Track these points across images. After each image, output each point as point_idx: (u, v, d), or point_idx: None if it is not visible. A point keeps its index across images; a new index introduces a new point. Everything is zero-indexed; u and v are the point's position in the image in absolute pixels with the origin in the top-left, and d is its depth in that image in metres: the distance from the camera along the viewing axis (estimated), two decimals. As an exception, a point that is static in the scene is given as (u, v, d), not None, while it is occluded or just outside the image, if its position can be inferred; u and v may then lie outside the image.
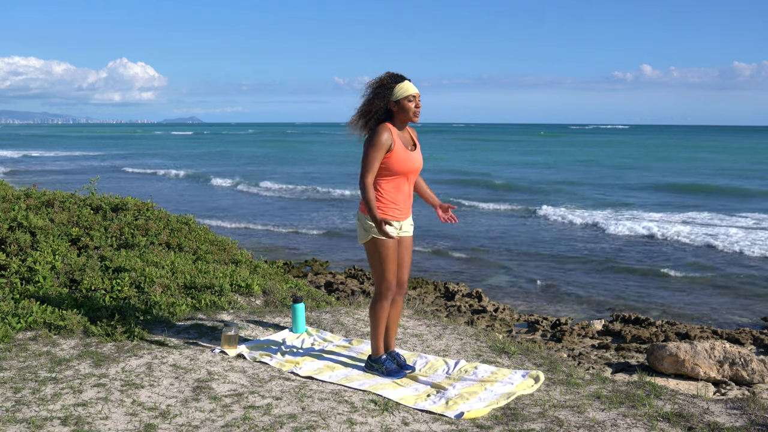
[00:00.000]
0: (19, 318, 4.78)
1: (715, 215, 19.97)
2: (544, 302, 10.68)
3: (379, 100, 3.84)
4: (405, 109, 3.85)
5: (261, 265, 6.92)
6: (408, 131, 4.01)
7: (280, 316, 5.46)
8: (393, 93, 3.83)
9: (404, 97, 3.83)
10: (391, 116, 3.89)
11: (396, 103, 3.84)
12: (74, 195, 7.64)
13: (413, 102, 3.86)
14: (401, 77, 3.87)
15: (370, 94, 3.88)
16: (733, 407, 3.63)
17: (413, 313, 5.72)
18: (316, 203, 23.42)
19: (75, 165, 42.22)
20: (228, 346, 4.46)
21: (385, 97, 3.84)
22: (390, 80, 3.85)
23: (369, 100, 3.87)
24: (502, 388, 3.84)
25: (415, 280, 11.27)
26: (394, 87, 3.83)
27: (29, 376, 3.92)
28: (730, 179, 31.88)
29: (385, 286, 3.98)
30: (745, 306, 10.49)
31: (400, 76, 3.87)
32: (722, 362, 6.59)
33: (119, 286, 5.40)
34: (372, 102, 3.85)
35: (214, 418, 3.42)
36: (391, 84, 3.84)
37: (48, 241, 6.00)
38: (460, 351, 4.63)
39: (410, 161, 3.90)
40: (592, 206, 22.09)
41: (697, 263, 13.52)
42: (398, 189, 3.92)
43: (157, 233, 6.66)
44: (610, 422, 3.41)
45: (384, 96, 3.84)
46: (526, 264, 13.42)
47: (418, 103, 3.87)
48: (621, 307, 10.34)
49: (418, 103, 3.87)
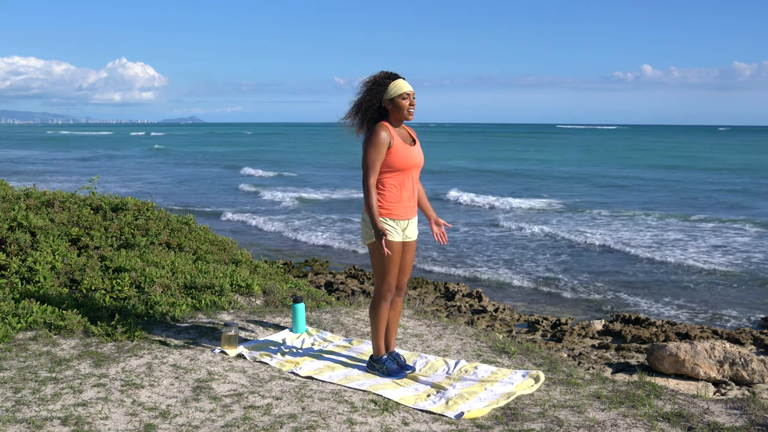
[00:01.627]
0: (19, 318, 4.78)
1: (718, 220, 19.97)
2: (544, 302, 10.68)
3: (373, 97, 3.85)
4: (399, 106, 3.85)
5: (261, 265, 6.92)
6: (405, 128, 4.01)
7: (280, 316, 5.46)
8: (387, 91, 3.84)
9: (398, 94, 3.83)
10: (385, 115, 3.89)
11: (390, 101, 3.84)
12: (74, 195, 7.64)
13: (407, 99, 3.86)
14: (395, 75, 3.88)
15: (364, 91, 3.89)
16: (733, 407, 3.63)
17: (413, 313, 5.72)
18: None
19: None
20: (228, 346, 4.46)
21: (379, 95, 3.84)
22: (384, 78, 3.86)
23: (363, 97, 3.88)
24: (502, 388, 3.84)
25: (415, 280, 11.27)
26: (389, 85, 3.84)
27: (29, 376, 3.92)
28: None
29: (386, 287, 3.98)
30: (745, 306, 10.49)
31: (394, 74, 3.88)
32: (722, 362, 6.59)
33: (119, 286, 5.40)
34: (366, 99, 3.86)
35: (214, 418, 3.42)
36: (386, 81, 3.85)
37: (48, 241, 6.00)
38: (460, 351, 4.63)
39: (411, 156, 3.90)
40: (591, 206, 22.12)
41: (696, 262, 13.53)
42: (402, 186, 3.92)
43: (157, 233, 6.66)
44: (610, 422, 3.41)
45: (378, 93, 3.84)
46: (527, 264, 13.42)
47: (412, 101, 3.87)
48: (621, 307, 10.34)
49: (412, 100, 3.87)
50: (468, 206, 22.68)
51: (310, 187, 28.50)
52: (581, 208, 21.77)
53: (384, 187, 3.88)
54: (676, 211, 20.94)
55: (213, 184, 30.35)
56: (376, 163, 3.80)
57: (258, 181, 31.34)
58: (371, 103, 3.85)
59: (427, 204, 4.22)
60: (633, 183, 30.49)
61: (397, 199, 3.91)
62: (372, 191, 3.79)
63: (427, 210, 4.22)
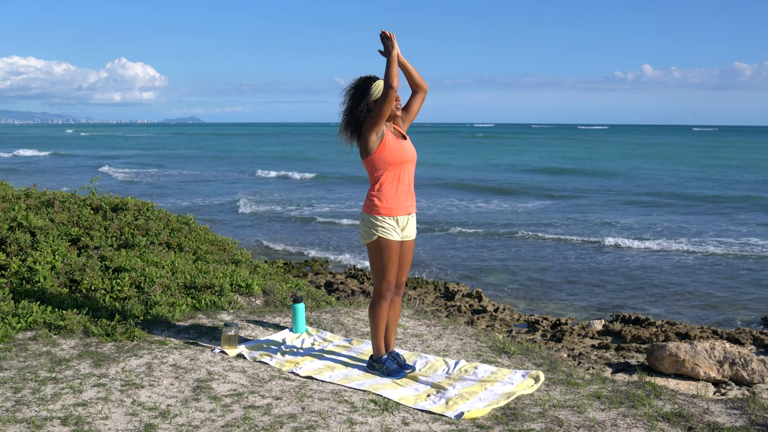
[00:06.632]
0: (19, 318, 4.78)
1: (717, 220, 19.97)
2: (544, 302, 10.68)
3: (359, 102, 3.89)
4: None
5: (261, 265, 6.92)
6: (394, 126, 4.05)
7: (280, 316, 5.46)
8: (371, 93, 3.88)
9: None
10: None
11: (376, 101, 3.87)
12: (74, 195, 7.64)
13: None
14: (374, 77, 3.93)
15: (349, 99, 3.95)
16: (733, 407, 3.63)
17: (413, 313, 5.72)
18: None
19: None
20: (228, 346, 4.46)
21: (364, 98, 3.89)
22: (364, 81, 3.92)
23: (350, 105, 3.93)
24: (502, 388, 3.84)
25: (415, 280, 11.27)
26: (371, 86, 3.89)
27: (29, 376, 3.92)
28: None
29: (385, 286, 4.00)
30: (745, 306, 10.49)
31: (373, 76, 3.93)
32: (722, 362, 6.59)
33: (119, 286, 5.40)
34: (353, 105, 3.92)
35: (214, 418, 3.42)
36: (367, 84, 3.91)
37: (48, 241, 6.00)
38: (460, 351, 4.63)
39: (404, 151, 3.94)
40: (590, 206, 22.12)
41: (697, 262, 13.53)
42: (398, 181, 3.94)
43: (157, 233, 6.66)
44: (610, 422, 3.41)
45: (362, 97, 3.89)
46: (527, 264, 13.43)
47: (397, 96, 3.90)
48: (621, 307, 10.34)
49: (397, 96, 3.90)
50: (468, 206, 22.69)
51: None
52: (580, 206, 21.79)
53: (380, 184, 3.92)
54: (676, 211, 20.95)
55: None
56: (384, 115, 3.80)
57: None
58: (359, 107, 3.90)
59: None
60: (633, 182, 30.48)
61: (394, 195, 3.93)
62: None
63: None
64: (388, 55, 3.79)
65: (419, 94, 4.10)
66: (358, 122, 3.91)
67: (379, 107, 3.77)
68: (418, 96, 4.10)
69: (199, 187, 28.42)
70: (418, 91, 4.09)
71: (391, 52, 3.78)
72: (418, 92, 4.10)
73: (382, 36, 3.82)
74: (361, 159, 3.97)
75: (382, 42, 3.83)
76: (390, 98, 3.74)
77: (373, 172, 3.95)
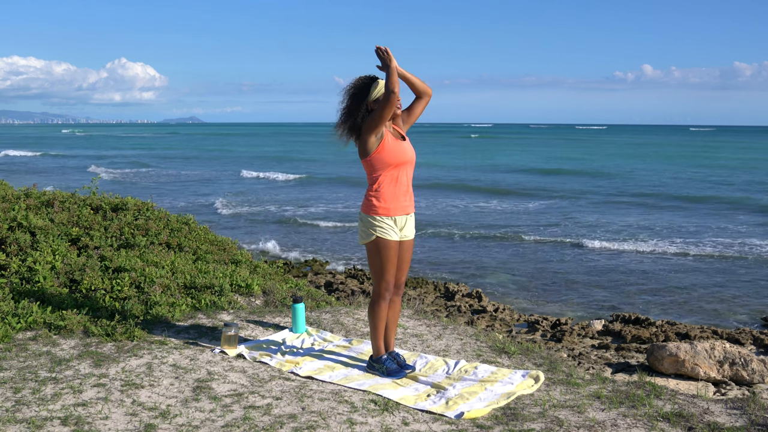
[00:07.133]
0: (19, 318, 4.78)
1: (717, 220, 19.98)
2: (544, 302, 10.68)
3: (359, 102, 3.90)
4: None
5: (261, 265, 6.92)
6: (393, 126, 4.05)
7: (280, 316, 5.46)
8: (371, 93, 3.89)
9: (382, 93, 3.87)
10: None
11: (376, 101, 3.88)
12: (74, 195, 7.64)
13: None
14: (374, 77, 3.94)
15: (348, 99, 3.95)
16: (733, 407, 3.63)
17: (413, 313, 5.72)
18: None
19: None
20: (228, 346, 4.46)
21: (363, 98, 3.90)
22: (365, 81, 3.93)
23: (349, 104, 3.94)
24: (502, 388, 3.84)
25: (415, 280, 11.27)
26: (371, 86, 3.90)
27: (29, 376, 3.92)
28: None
29: (384, 286, 4.00)
30: (745, 306, 10.49)
31: (373, 76, 3.94)
32: (722, 362, 6.59)
33: (119, 286, 5.40)
34: (353, 105, 3.92)
35: (214, 418, 3.42)
36: (367, 84, 3.91)
37: (48, 241, 5.99)
38: (460, 351, 4.63)
39: (403, 152, 3.94)
40: (589, 206, 22.12)
41: (696, 263, 13.53)
42: (397, 181, 3.94)
43: (157, 233, 6.66)
44: (610, 422, 3.41)
45: (362, 97, 3.90)
46: (527, 264, 13.43)
47: (398, 96, 3.91)
48: (621, 307, 10.34)
49: (398, 96, 3.91)
50: (467, 207, 22.69)
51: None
52: (579, 206, 21.79)
53: (379, 184, 3.92)
54: (675, 210, 20.95)
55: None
56: (385, 118, 3.80)
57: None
58: (358, 107, 3.91)
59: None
60: (632, 182, 30.49)
61: (392, 195, 3.93)
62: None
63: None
64: (387, 68, 3.79)
65: (423, 98, 4.11)
66: (356, 122, 3.91)
67: (380, 111, 3.77)
68: (422, 100, 4.11)
69: (182, 187, 28.36)
70: (423, 96, 4.11)
71: (389, 64, 3.77)
72: (422, 97, 4.11)
73: (377, 51, 3.82)
74: (360, 159, 3.98)
75: (378, 57, 3.84)
76: (391, 103, 3.75)
77: (371, 173, 3.95)
